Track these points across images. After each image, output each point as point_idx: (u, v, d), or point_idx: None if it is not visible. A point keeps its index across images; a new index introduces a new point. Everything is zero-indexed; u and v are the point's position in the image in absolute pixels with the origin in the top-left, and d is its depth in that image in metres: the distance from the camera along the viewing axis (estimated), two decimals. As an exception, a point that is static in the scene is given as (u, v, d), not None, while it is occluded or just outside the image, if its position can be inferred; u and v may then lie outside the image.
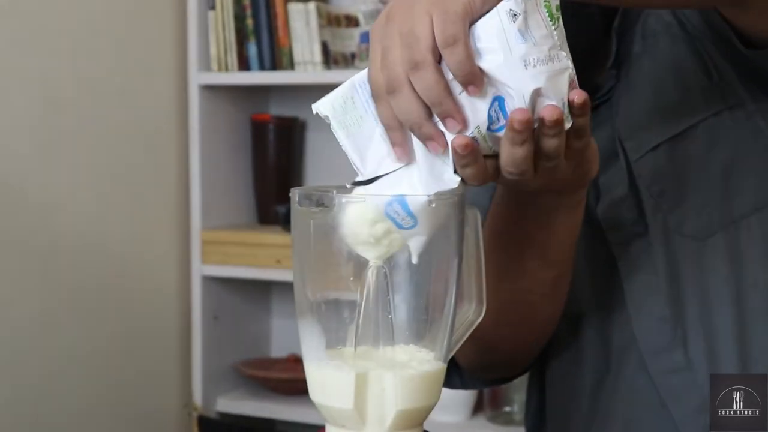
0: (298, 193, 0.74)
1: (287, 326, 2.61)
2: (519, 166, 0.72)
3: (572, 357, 0.99)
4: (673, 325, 0.92)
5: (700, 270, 0.92)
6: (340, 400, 0.73)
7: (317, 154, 2.59)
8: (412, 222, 0.71)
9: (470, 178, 0.72)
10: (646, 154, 0.94)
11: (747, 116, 0.94)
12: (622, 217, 0.94)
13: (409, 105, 0.71)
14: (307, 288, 0.75)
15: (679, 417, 0.92)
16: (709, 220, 0.93)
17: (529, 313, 0.92)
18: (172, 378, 2.44)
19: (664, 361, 0.92)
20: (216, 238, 2.41)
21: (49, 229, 2.11)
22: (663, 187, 0.94)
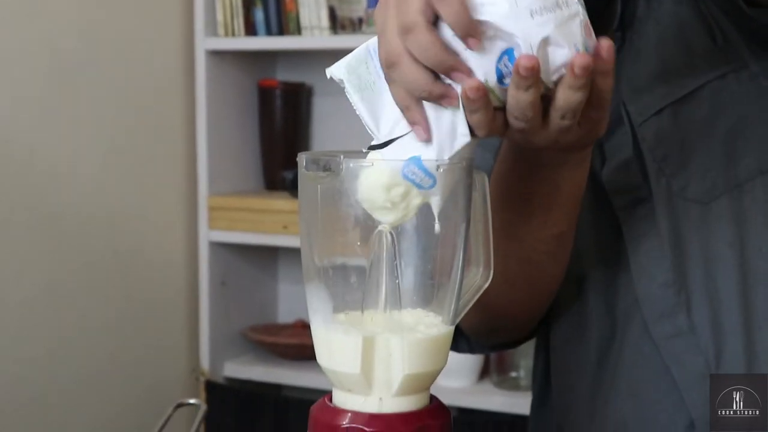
0: (305, 157, 0.74)
1: (294, 292, 2.62)
2: (524, 112, 0.72)
3: (577, 322, 0.99)
4: (677, 290, 0.92)
5: (704, 234, 0.92)
6: (347, 365, 0.73)
7: (324, 119, 2.59)
8: (431, 181, 0.71)
9: (479, 126, 0.72)
10: (650, 117, 0.94)
11: (751, 78, 0.94)
12: (626, 182, 0.94)
13: (412, 73, 0.71)
14: (314, 253, 0.75)
15: (682, 382, 0.92)
16: (712, 184, 0.93)
17: (533, 272, 0.93)
18: (179, 343, 2.45)
19: (667, 325, 0.92)
20: (223, 204, 2.41)
21: (55, 197, 2.12)
22: (666, 151, 0.94)
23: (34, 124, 2.07)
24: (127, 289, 2.29)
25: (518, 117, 0.72)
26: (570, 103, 0.72)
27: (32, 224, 2.07)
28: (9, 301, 2.02)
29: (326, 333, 0.75)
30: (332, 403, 0.76)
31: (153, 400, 2.31)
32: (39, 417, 2.08)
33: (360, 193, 0.72)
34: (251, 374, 2.47)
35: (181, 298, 2.45)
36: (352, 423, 0.73)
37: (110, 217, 2.24)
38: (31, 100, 2.07)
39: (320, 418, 0.75)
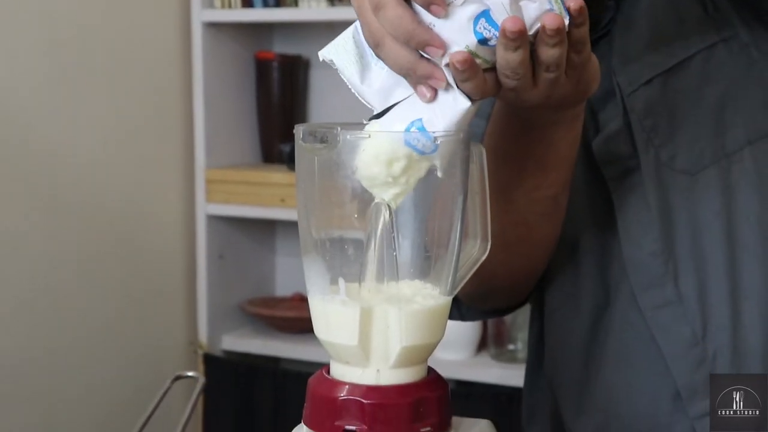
0: (302, 129, 0.74)
1: (292, 265, 2.62)
2: (515, 71, 0.72)
3: (570, 289, 1.00)
4: (664, 260, 0.92)
5: (692, 204, 0.93)
6: (345, 337, 0.73)
7: (322, 92, 2.58)
8: (433, 146, 0.71)
9: (471, 92, 0.72)
10: (640, 88, 0.94)
11: (741, 47, 0.94)
12: (617, 152, 0.95)
13: (396, 52, 0.71)
14: (311, 226, 0.75)
15: (668, 351, 0.93)
16: (700, 154, 0.93)
17: (527, 235, 0.93)
18: (177, 316, 2.46)
19: (655, 295, 0.93)
20: (220, 177, 2.41)
21: (53, 170, 2.11)
22: (655, 122, 0.94)
23: (30, 100, 2.06)
24: (125, 262, 2.29)
25: (510, 76, 0.73)
26: (551, 58, 0.72)
27: (30, 199, 2.07)
28: (6, 275, 2.02)
29: (324, 305, 0.75)
30: (330, 375, 0.76)
31: (151, 372, 2.32)
32: (37, 390, 2.09)
33: (360, 169, 0.71)
34: (249, 347, 2.48)
35: (179, 272, 2.45)
36: (349, 395, 0.73)
37: (108, 191, 2.24)
38: (26, 75, 2.06)
39: (318, 390, 0.75)
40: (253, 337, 2.48)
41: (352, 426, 0.73)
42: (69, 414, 2.15)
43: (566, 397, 1.02)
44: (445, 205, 0.74)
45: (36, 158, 2.08)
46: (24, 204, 2.06)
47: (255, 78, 2.53)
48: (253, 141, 2.57)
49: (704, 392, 0.91)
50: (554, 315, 1.02)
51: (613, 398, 0.97)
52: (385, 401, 0.73)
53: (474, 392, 2.24)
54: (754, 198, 0.92)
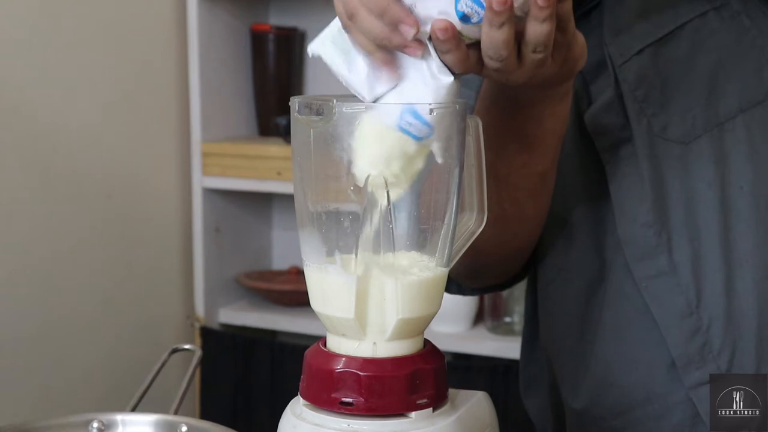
0: (298, 101, 0.74)
1: (288, 238, 2.62)
2: (498, 51, 0.72)
3: (564, 263, 1.00)
4: (658, 230, 0.92)
5: (685, 174, 0.93)
6: (341, 309, 0.73)
7: (318, 64, 2.56)
8: (428, 130, 0.71)
9: (453, 65, 0.72)
10: (631, 58, 0.94)
11: (732, 16, 0.94)
12: (609, 123, 0.94)
13: (369, 23, 0.71)
14: (307, 198, 0.75)
15: (662, 321, 0.93)
16: (693, 124, 0.93)
17: (517, 212, 0.93)
18: (174, 290, 2.46)
19: (649, 266, 0.93)
20: (216, 150, 2.40)
21: (47, 143, 2.11)
22: (647, 92, 0.93)
23: (24, 74, 2.05)
24: (121, 236, 2.29)
25: (493, 56, 0.72)
26: (540, 36, 0.72)
27: (24, 172, 2.06)
28: (1, 247, 2.02)
29: (320, 277, 0.75)
30: (326, 347, 0.76)
31: (149, 346, 2.32)
32: (33, 365, 2.09)
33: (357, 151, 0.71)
34: (246, 320, 2.48)
35: (176, 245, 2.45)
36: (346, 367, 0.73)
37: (103, 164, 2.23)
38: (20, 48, 2.05)
39: (314, 363, 0.75)
40: (250, 311, 2.49)
41: (348, 398, 0.73)
42: (66, 387, 2.16)
43: (562, 368, 1.03)
44: (441, 177, 0.74)
45: (30, 132, 2.07)
46: (18, 179, 2.05)
47: (251, 50, 2.52)
48: (249, 114, 2.56)
49: (699, 361, 0.91)
50: (548, 288, 1.02)
51: (609, 369, 0.97)
52: (382, 373, 0.73)
53: (471, 365, 2.25)
54: (747, 166, 0.92)
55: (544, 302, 1.03)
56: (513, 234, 0.96)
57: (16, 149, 2.04)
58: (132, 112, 2.30)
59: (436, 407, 0.75)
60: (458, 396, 0.79)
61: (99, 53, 2.21)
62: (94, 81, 2.20)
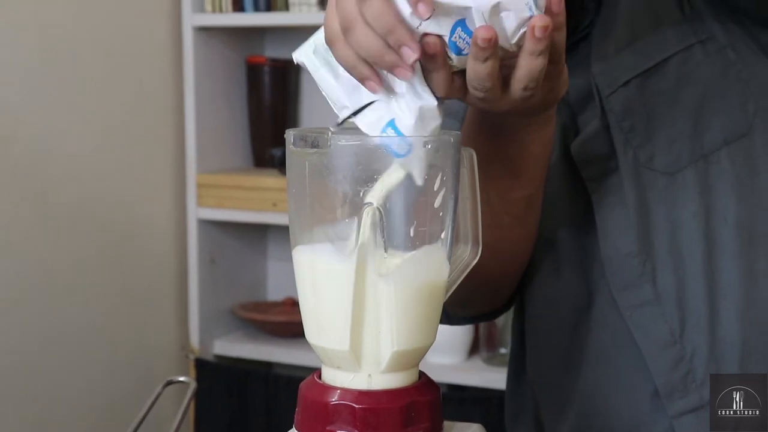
0: (293, 134, 0.74)
1: (284, 269, 2.62)
2: (483, 83, 0.72)
3: (551, 290, 1.00)
4: (642, 260, 0.93)
5: (670, 204, 0.93)
6: (336, 341, 0.73)
7: (313, 96, 2.58)
8: (407, 147, 0.71)
9: (438, 86, 0.72)
10: (618, 89, 0.95)
11: (718, 49, 0.95)
12: (595, 153, 0.95)
13: (366, 38, 0.71)
14: (302, 230, 0.75)
15: (646, 350, 0.93)
16: (678, 155, 0.94)
17: (503, 236, 0.93)
18: (169, 321, 2.45)
19: (633, 295, 0.94)
20: (212, 182, 2.41)
21: (43, 174, 2.11)
22: (633, 123, 0.94)
23: (20, 103, 2.06)
24: (115, 266, 2.29)
25: (477, 88, 0.73)
26: (532, 71, 0.73)
27: (18, 203, 2.06)
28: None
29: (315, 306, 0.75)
30: (321, 380, 0.76)
31: (143, 378, 2.31)
32: (26, 395, 2.08)
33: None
34: (241, 352, 2.47)
35: (170, 276, 2.45)
36: (341, 399, 0.73)
37: (98, 195, 2.24)
38: (17, 78, 2.06)
39: (309, 395, 0.75)
40: (245, 342, 2.48)
41: (343, 431, 0.73)
42: (59, 419, 2.15)
43: (547, 398, 1.03)
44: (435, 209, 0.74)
45: (25, 162, 2.07)
46: (13, 210, 2.05)
47: (246, 82, 2.53)
48: (244, 145, 2.56)
49: (682, 391, 0.91)
50: (535, 317, 1.02)
51: (593, 397, 0.98)
52: (377, 406, 0.73)
53: (466, 396, 2.24)
54: (732, 198, 0.93)
55: (531, 331, 1.03)
56: (501, 260, 0.96)
57: (11, 179, 2.04)
58: (127, 143, 2.31)
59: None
60: (453, 429, 0.79)
61: (95, 84, 2.22)
62: (90, 111, 2.21)
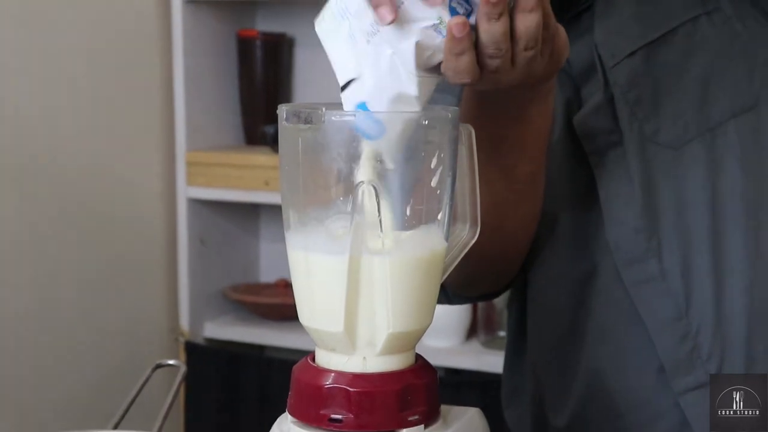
0: (286, 110, 0.74)
1: (276, 250, 2.62)
2: (498, 45, 0.72)
3: (554, 270, 1.01)
4: (648, 236, 0.94)
5: (676, 178, 0.94)
6: (330, 323, 0.73)
7: (306, 71, 2.58)
8: (376, 128, 0.71)
9: (465, 71, 0.72)
10: (623, 60, 0.95)
11: (724, 21, 0.95)
12: (598, 126, 0.95)
13: None
14: (295, 209, 0.75)
15: (652, 327, 0.94)
16: (684, 128, 0.94)
17: (508, 214, 0.94)
18: (158, 304, 2.45)
19: (638, 271, 0.94)
20: (202, 160, 2.40)
21: (26, 152, 2.10)
22: (639, 95, 0.95)
23: (3, 77, 2.05)
24: (103, 248, 2.29)
25: (493, 53, 0.73)
26: (530, 28, 0.73)
27: (2, 180, 2.06)
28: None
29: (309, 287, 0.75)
30: (315, 363, 0.76)
31: (131, 361, 2.31)
32: (8, 381, 2.08)
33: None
34: (232, 335, 2.47)
35: (159, 257, 2.45)
36: (335, 383, 0.73)
37: (84, 173, 2.23)
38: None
39: (303, 378, 0.75)
40: (237, 325, 2.48)
41: (337, 415, 0.73)
42: (44, 405, 2.15)
43: (549, 377, 1.03)
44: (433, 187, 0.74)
45: (8, 139, 2.07)
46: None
47: (237, 57, 2.52)
48: (235, 122, 2.56)
49: (688, 367, 0.92)
50: (537, 295, 1.03)
51: (597, 375, 0.98)
52: (372, 389, 0.73)
53: (464, 380, 2.25)
54: (738, 172, 0.93)
55: (534, 310, 1.04)
56: (506, 236, 0.96)
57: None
58: (114, 121, 2.30)
59: (427, 424, 0.75)
60: (450, 412, 0.79)
61: (80, 58, 2.21)
62: (75, 87, 2.20)
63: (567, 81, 0.98)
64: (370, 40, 0.72)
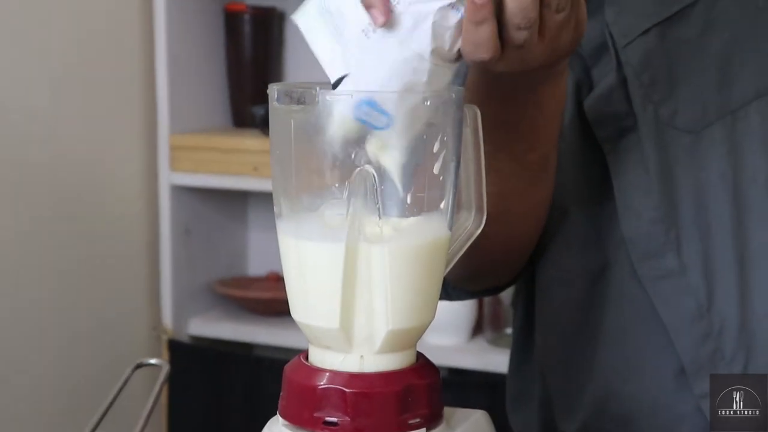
0: (277, 89, 0.74)
1: (266, 241, 2.62)
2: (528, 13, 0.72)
3: (564, 265, 1.01)
4: (665, 228, 0.94)
5: (695, 165, 0.94)
6: (325, 318, 0.74)
7: (298, 48, 2.58)
8: (385, 120, 0.71)
9: (485, 44, 0.72)
10: (636, 39, 0.94)
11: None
12: (611, 110, 0.95)
13: None
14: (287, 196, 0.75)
15: (671, 325, 0.94)
16: (704, 111, 0.94)
17: (517, 202, 0.94)
18: (139, 298, 2.46)
19: (655, 266, 0.94)
20: (186, 143, 2.40)
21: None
22: (653, 76, 0.94)
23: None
24: (79, 239, 2.29)
25: (521, 22, 0.72)
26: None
27: (-28, 166, 2.06)
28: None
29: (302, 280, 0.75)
30: (308, 361, 0.76)
31: (110, 360, 2.32)
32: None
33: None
34: (219, 332, 2.48)
35: (141, 249, 2.45)
36: (330, 383, 0.74)
37: (59, 159, 2.23)
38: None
39: (295, 379, 0.75)
40: (224, 321, 2.49)
41: (332, 418, 0.73)
42: (14, 408, 2.15)
43: (557, 379, 1.03)
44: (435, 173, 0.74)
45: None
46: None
47: (224, 32, 2.52)
48: (222, 103, 2.56)
49: (710, 368, 0.92)
50: (545, 291, 1.03)
51: (611, 378, 0.99)
52: (370, 390, 0.73)
53: (469, 380, 2.25)
54: (762, 157, 0.93)
55: (542, 307, 1.04)
56: (516, 227, 0.97)
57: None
58: (91, 100, 2.30)
59: (429, 428, 0.75)
60: (455, 415, 0.79)
61: (54, 32, 2.21)
62: (50, 65, 2.20)
63: (577, 61, 0.97)
64: (370, 36, 0.72)
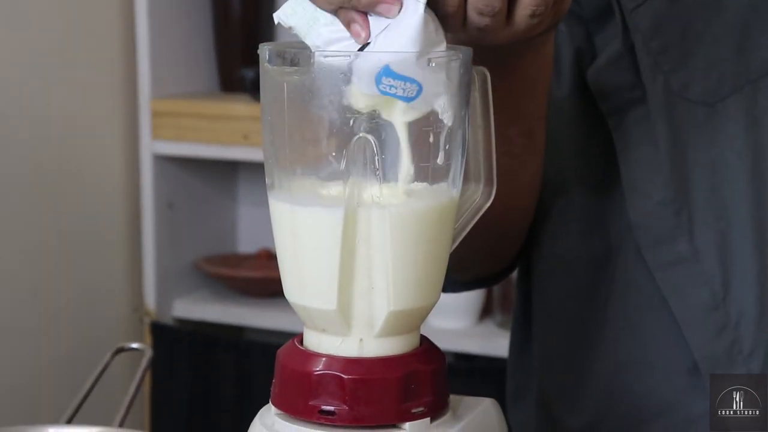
0: (269, 50, 0.74)
1: (257, 215, 2.62)
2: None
3: (563, 252, 1.01)
4: (676, 210, 0.93)
5: (710, 141, 0.93)
6: (321, 300, 0.74)
7: (291, 6, 2.57)
8: (416, 88, 0.71)
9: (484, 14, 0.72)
10: (645, 2, 0.94)
11: None
12: (616, 81, 0.95)
13: None
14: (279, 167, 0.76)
15: (683, 317, 0.94)
16: (720, 81, 0.93)
17: (507, 181, 0.93)
18: (119, 278, 2.46)
19: (665, 252, 0.94)
20: (169, 109, 2.40)
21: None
22: (664, 43, 0.94)
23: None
24: (56, 214, 2.29)
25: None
26: None
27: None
28: None
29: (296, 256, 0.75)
30: (303, 346, 0.77)
31: (88, 345, 2.32)
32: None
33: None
34: (206, 314, 2.49)
35: (121, 224, 2.46)
36: (326, 369, 0.74)
37: (33, 127, 2.23)
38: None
39: (289, 364, 0.76)
40: (211, 302, 2.49)
41: (329, 406, 0.73)
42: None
43: (556, 377, 1.03)
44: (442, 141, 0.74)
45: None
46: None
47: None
48: (208, 65, 2.56)
49: (726, 363, 0.92)
50: (543, 280, 1.03)
51: (616, 375, 0.98)
52: (369, 376, 0.73)
53: (476, 366, 2.26)
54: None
55: (539, 298, 1.04)
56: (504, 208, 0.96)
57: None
58: (66, 64, 2.30)
59: (434, 417, 0.76)
60: (461, 403, 0.79)
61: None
62: (23, 27, 2.20)
63: (578, 26, 0.97)
64: None
